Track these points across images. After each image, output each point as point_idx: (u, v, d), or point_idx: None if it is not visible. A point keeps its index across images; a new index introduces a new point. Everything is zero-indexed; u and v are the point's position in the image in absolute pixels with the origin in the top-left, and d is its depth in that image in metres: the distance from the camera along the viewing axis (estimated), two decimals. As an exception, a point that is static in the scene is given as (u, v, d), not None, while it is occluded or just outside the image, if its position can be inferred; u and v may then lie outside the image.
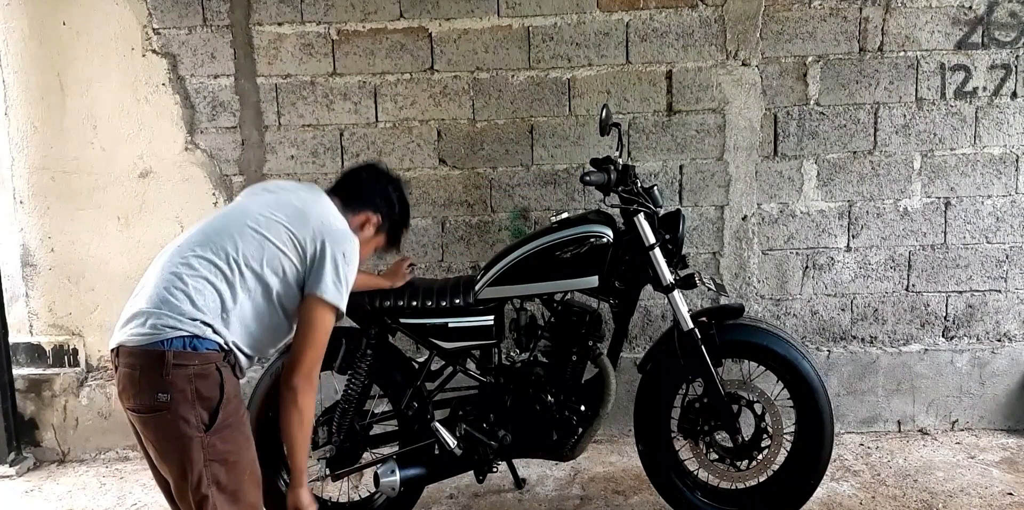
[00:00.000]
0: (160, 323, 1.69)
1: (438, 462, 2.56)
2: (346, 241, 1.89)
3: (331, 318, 1.88)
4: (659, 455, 2.58)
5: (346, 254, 1.87)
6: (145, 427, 1.73)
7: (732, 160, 3.31)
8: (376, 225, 2.09)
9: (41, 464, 3.40)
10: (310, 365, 1.83)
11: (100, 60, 3.27)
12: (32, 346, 3.40)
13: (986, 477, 2.95)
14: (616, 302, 2.56)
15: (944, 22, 3.23)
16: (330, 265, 1.84)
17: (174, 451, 1.70)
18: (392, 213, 2.13)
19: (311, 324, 1.84)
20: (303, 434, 1.89)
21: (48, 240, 3.37)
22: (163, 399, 1.67)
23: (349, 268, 1.88)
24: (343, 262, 1.86)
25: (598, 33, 3.24)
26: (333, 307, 1.86)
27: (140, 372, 1.69)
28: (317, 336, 1.85)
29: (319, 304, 1.84)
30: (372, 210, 2.08)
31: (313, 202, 1.95)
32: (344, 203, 2.04)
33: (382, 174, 2.19)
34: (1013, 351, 3.37)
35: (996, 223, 3.33)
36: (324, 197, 2.01)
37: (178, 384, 1.67)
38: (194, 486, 1.70)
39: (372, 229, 2.09)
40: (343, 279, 1.86)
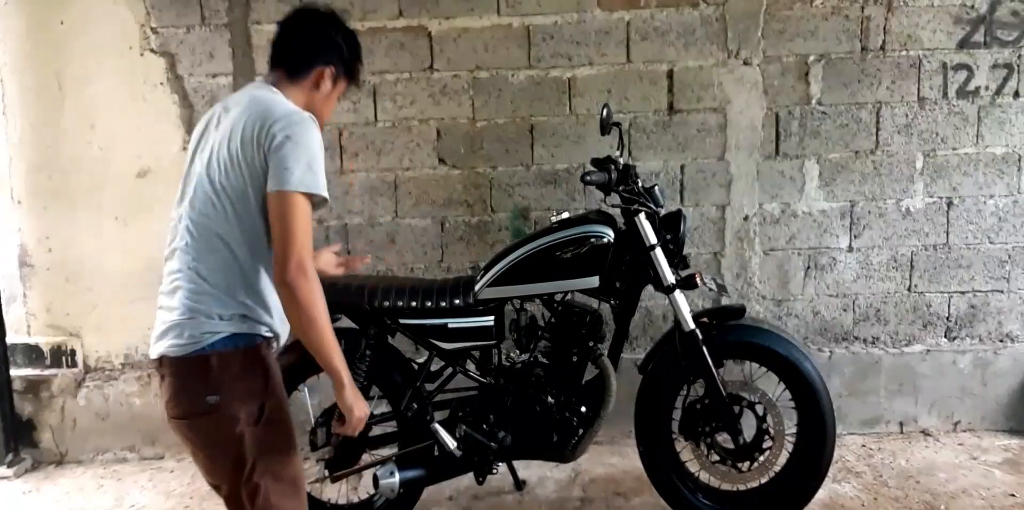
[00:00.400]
0: (198, 332, 1.66)
1: (438, 463, 2.55)
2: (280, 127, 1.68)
3: (304, 205, 1.70)
4: (660, 456, 2.57)
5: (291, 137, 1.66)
6: (196, 431, 1.69)
7: (733, 160, 3.29)
8: (332, 76, 1.89)
9: (39, 465, 3.39)
10: (298, 256, 1.64)
11: (98, 59, 3.26)
12: (30, 347, 3.39)
13: (988, 478, 2.94)
14: (617, 302, 2.55)
15: (946, 21, 3.22)
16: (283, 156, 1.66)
17: (228, 449, 1.67)
18: (342, 55, 1.91)
19: (285, 217, 1.67)
20: (318, 331, 1.66)
21: (46, 240, 3.35)
22: (212, 401, 1.65)
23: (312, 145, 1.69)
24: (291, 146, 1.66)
25: (599, 32, 3.23)
26: (300, 193, 1.68)
27: (188, 379, 1.67)
28: (297, 226, 1.68)
29: (286, 196, 1.66)
30: (322, 63, 1.87)
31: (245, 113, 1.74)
32: (289, 72, 1.87)
33: (312, 18, 1.95)
34: (1015, 351, 3.36)
35: (999, 223, 3.32)
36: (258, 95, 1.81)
37: (225, 384, 1.65)
38: (247, 478, 1.67)
39: (329, 82, 1.89)
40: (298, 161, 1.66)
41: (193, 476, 3.20)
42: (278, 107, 1.74)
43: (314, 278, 1.65)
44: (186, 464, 3.33)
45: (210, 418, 1.66)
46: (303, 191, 1.68)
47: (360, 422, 1.77)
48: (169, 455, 3.40)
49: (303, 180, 1.67)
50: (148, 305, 3.42)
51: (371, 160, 3.30)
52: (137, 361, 3.39)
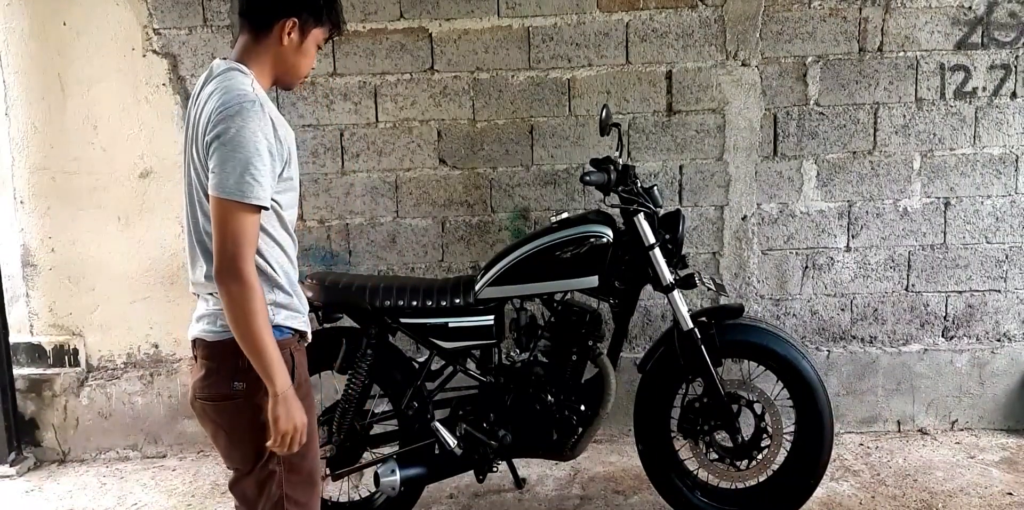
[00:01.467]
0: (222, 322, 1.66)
1: (438, 462, 2.56)
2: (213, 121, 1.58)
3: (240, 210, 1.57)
4: (659, 455, 2.58)
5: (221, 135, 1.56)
6: (220, 415, 1.71)
7: (732, 160, 3.31)
8: (295, 26, 1.71)
9: (41, 464, 3.40)
10: (229, 261, 1.57)
11: (100, 60, 3.27)
12: (32, 346, 3.41)
13: (986, 477, 2.95)
14: (616, 302, 2.57)
15: (944, 22, 3.23)
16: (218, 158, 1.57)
17: (250, 435, 1.67)
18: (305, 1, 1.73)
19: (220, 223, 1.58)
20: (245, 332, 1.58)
21: (49, 240, 3.37)
22: (239, 387, 1.66)
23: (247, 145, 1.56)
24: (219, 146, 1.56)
25: (598, 33, 3.25)
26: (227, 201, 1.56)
27: (218, 363, 1.68)
28: (229, 232, 1.57)
29: (221, 202, 1.57)
30: (283, 15, 1.71)
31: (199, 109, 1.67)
32: (253, 29, 1.73)
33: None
34: (1012, 351, 3.37)
35: (996, 223, 3.34)
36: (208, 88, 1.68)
37: (252, 373, 1.63)
38: (263, 464, 1.69)
39: (296, 34, 1.72)
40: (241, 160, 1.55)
41: (195, 475, 3.21)
42: (220, 98, 1.61)
43: (247, 280, 1.57)
44: (188, 463, 3.34)
45: (235, 404, 1.67)
46: (237, 200, 1.55)
47: (286, 435, 1.62)
48: (171, 454, 3.42)
49: (239, 187, 1.55)
50: (150, 305, 3.46)
51: (372, 161, 3.32)
52: (139, 360, 3.41)
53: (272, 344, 1.60)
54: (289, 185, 1.71)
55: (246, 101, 1.59)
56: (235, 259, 1.56)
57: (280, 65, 1.75)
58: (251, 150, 1.56)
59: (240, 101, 1.59)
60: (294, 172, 1.73)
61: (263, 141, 1.58)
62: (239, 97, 1.59)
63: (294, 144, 1.75)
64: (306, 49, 1.77)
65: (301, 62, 1.78)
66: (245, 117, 1.57)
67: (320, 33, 1.78)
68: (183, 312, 3.34)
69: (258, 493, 1.71)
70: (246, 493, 1.73)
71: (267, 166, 1.59)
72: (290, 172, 1.70)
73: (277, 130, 1.64)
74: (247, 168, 1.56)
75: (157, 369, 3.41)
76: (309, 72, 1.85)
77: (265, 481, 1.70)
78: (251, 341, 1.59)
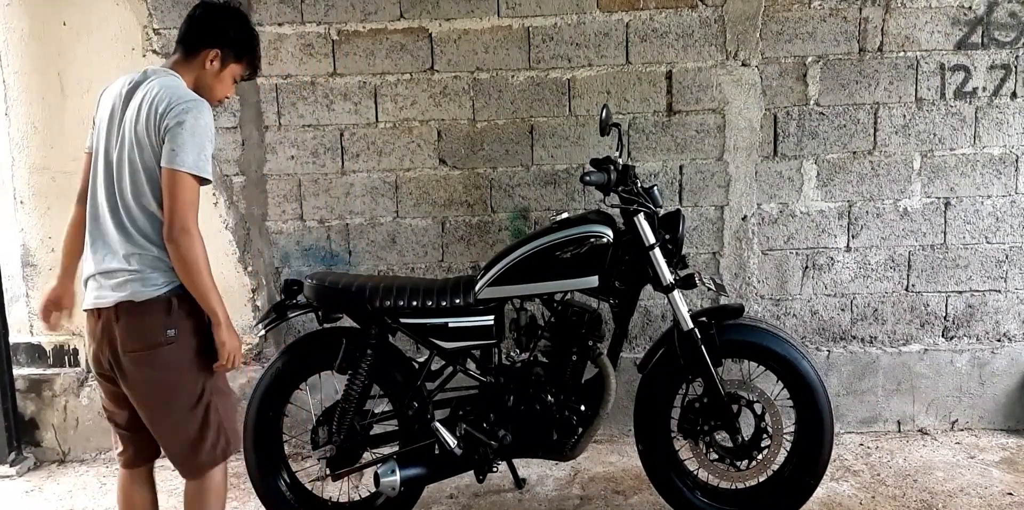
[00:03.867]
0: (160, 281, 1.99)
1: (438, 462, 2.56)
2: (174, 112, 1.94)
3: (191, 182, 1.94)
4: (659, 455, 2.58)
5: (184, 123, 1.93)
6: (158, 361, 1.98)
7: (732, 160, 3.31)
8: (217, 57, 2.10)
9: (41, 464, 3.40)
10: (181, 221, 1.92)
11: (100, 60, 3.27)
12: (32, 346, 3.41)
13: (986, 477, 2.95)
14: (616, 302, 2.56)
15: (944, 22, 3.24)
16: (177, 140, 1.92)
17: (188, 371, 2.02)
18: (229, 40, 2.12)
19: (174, 191, 1.93)
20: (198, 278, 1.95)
21: (48, 240, 3.37)
22: (171, 334, 1.98)
23: (202, 133, 1.95)
24: (180, 130, 1.92)
25: (598, 33, 3.25)
26: (186, 174, 1.93)
27: (149, 317, 1.98)
28: (183, 198, 1.93)
29: (176, 174, 1.92)
30: (208, 46, 2.10)
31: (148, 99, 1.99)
32: (186, 54, 2.11)
33: (209, 8, 2.19)
34: (1013, 351, 3.37)
35: (996, 223, 3.34)
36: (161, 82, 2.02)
37: (180, 320, 1.99)
38: (200, 400, 2.03)
39: (217, 62, 2.10)
40: (196, 143, 1.94)
41: (195, 475, 3.21)
42: (175, 93, 1.98)
43: (196, 236, 1.93)
44: (188, 463, 3.34)
45: (171, 348, 1.98)
46: (194, 174, 1.94)
47: (231, 353, 2.02)
48: (171, 454, 3.42)
49: (196, 164, 1.94)
50: (150, 305, 3.42)
51: (372, 161, 3.32)
52: (139, 360, 3.41)
53: (214, 284, 1.99)
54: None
55: (201, 101, 1.99)
56: (187, 219, 1.92)
57: (199, 85, 2.10)
58: (206, 138, 1.96)
59: (197, 102, 1.98)
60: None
61: (211, 133, 1.99)
62: (196, 99, 1.99)
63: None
64: (223, 78, 2.13)
65: (217, 86, 2.14)
66: (201, 112, 1.96)
67: (237, 68, 2.15)
68: (183, 312, 3.36)
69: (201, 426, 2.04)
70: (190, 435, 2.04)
71: (210, 151, 1.98)
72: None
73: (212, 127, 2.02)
74: (203, 150, 1.95)
75: (157, 369, 3.40)
76: (224, 98, 2.20)
77: (207, 411, 2.04)
78: (200, 283, 1.96)
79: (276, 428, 2.65)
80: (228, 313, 2.02)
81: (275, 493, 2.63)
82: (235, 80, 2.19)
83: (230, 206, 3.35)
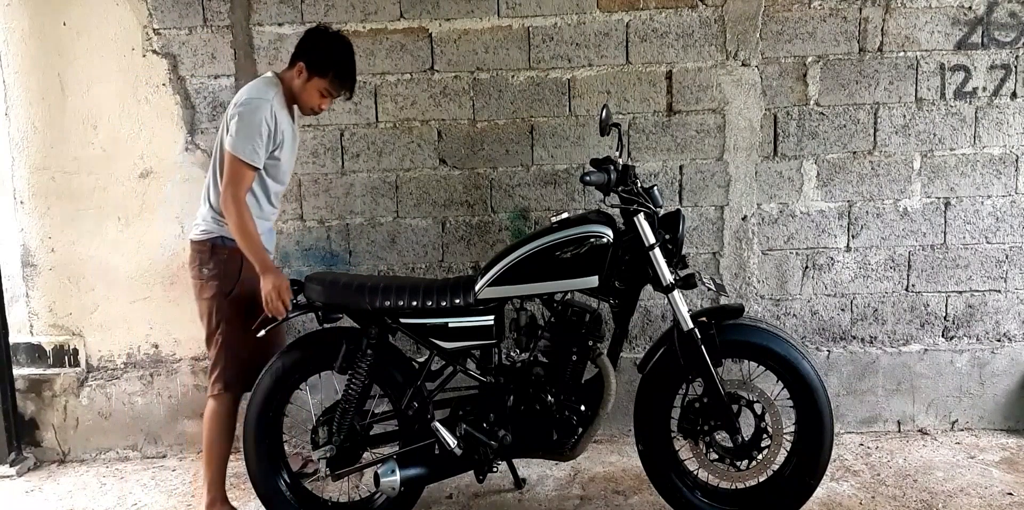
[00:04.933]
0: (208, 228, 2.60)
1: (438, 462, 2.56)
2: (237, 105, 2.49)
3: (237, 162, 2.46)
4: (659, 455, 2.58)
5: (241, 115, 2.46)
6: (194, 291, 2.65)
7: (732, 160, 3.31)
8: (301, 70, 2.55)
9: (41, 464, 3.40)
10: (230, 192, 2.46)
11: (100, 60, 3.27)
12: (32, 346, 3.41)
13: (986, 477, 2.95)
14: (616, 302, 2.56)
15: (944, 22, 3.24)
16: (233, 126, 2.46)
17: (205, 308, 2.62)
18: (316, 55, 2.55)
19: (226, 168, 2.48)
20: (243, 236, 2.46)
21: (48, 240, 3.37)
22: (205, 272, 2.60)
23: (252, 126, 2.45)
24: (237, 121, 2.46)
25: (598, 33, 3.25)
26: (235, 156, 2.45)
27: (196, 255, 2.62)
28: (231, 174, 2.47)
29: (227, 153, 2.48)
30: (297, 59, 2.58)
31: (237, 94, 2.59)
32: (289, 63, 2.63)
33: (313, 30, 2.64)
34: (1013, 351, 3.38)
35: (996, 223, 3.34)
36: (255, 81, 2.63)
37: (215, 267, 2.58)
38: (214, 334, 2.63)
39: (304, 74, 2.55)
40: (247, 134, 2.45)
41: (195, 475, 3.21)
42: (244, 92, 2.55)
43: (239, 205, 2.46)
44: (188, 463, 3.34)
45: (201, 283, 2.61)
46: (235, 155, 2.46)
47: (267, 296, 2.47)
48: (171, 454, 3.42)
49: (237, 146, 2.46)
50: (150, 305, 3.47)
51: (372, 161, 3.32)
52: (139, 360, 3.41)
53: (256, 240, 2.48)
54: (278, 162, 2.60)
55: (262, 102, 2.49)
56: (232, 192, 2.46)
57: (293, 92, 2.61)
58: (255, 131, 2.46)
59: (255, 100, 2.50)
60: (284, 156, 2.61)
61: (266, 129, 2.48)
62: (256, 97, 2.51)
63: (289, 138, 2.61)
64: (308, 89, 2.58)
65: (303, 95, 2.60)
66: (257, 108, 2.47)
67: (322, 83, 2.56)
68: (183, 312, 3.36)
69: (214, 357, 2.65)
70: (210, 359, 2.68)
71: (263, 144, 2.48)
72: (279, 153, 2.57)
73: (278, 125, 2.52)
74: (249, 136, 2.46)
75: (157, 369, 3.41)
76: (318, 109, 2.65)
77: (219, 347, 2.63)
78: (241, 239, 2.47)
79: (276, 428, 2.65)
80: (270, 264, 2.50)
81: (275, 493, 2.63)
82: (323, 94, 2.59)
83: (230, 206, 3.34)
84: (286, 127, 2.57)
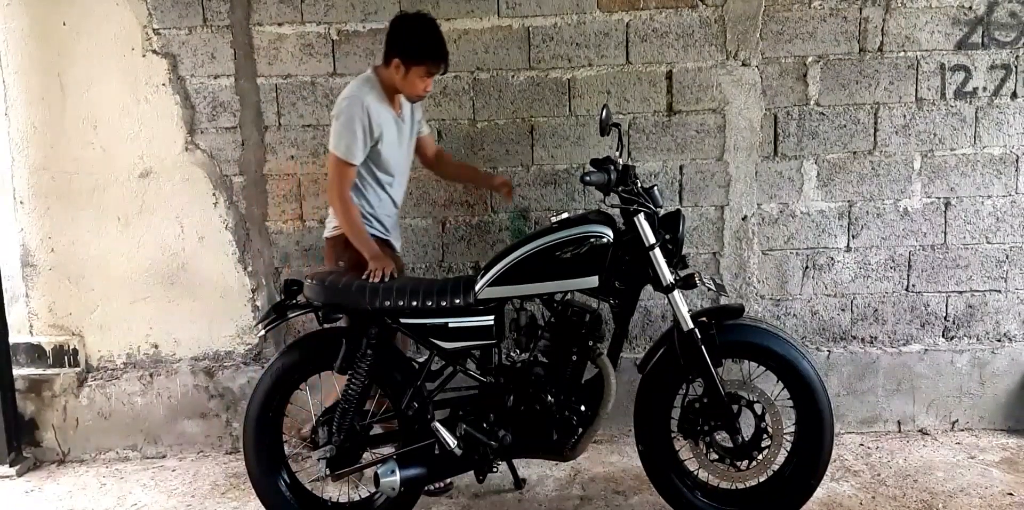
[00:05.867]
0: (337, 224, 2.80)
1: (438, 462, 2.56)
2: (335, 107, 2.69)
3: (336, 161, 2.67)
4: (659, 455, 2.58)
5: (338, 116, 2.66)
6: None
7: (732, 160, 3.31)
8: (398, 65, 2.64)
9: (41, 464, 3.40)
10: (331, 190, 2.72)
11: (100, 60, 3.27)
12: (32, 346, 3.40)
13: (986, 477, 2.95)
14: (616, 302, 2.56)
15: (944, 22, 3.23)
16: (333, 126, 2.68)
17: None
18: (405, 47, 2.63)
19: (329, 167, 2.74)
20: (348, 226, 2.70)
21: (48, 240, 3.37)
22: (341, 265, 2.78)
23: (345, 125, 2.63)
24: (335, 122, 2.67)
25: (598, 33, 3.25)
26: (334, 155, 2.67)
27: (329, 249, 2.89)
28: (331, 174, 2.72)
29: (329, 153, 2.71)
30: (391, 55, 2.66)
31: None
32: (383, 60, 2.72)
33: (396, 19, 2.72)
34: (1013, 351, 3.37)
35: (996, 223, 3.34)
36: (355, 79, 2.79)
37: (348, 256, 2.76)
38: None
39: (402, 68, 2.63)
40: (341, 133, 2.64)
41: (195, 475, 3.22)
42: (343, 92, 2.73)
43: (342, 201, 2.70)
44: (188, 463, 3.34)
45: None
46: (334, 153, 2.68)
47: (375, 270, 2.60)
48: (171, 454, 3.42)
49: (336, 145, 2.68)
50: (149, 305, 3.46)
51: (372, 161, 3.32)
52: (139, 360, 3.41)
53: (361, 232, 2.71)
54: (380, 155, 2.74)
55: (354, 101, 2.64)
56: (334, 190, 2.71)
57: (394, 86, 2.72)
58: (347, 128, 2.63)
59: (347, 99, 2.66)
60: (385, 149, 2.74)
61: (359, 127, 2.63)
62: (350, 95, 2.67)
63: (391, 131, 2.75)
64: (409, 79, 2.67)
65: (405, 87, 2.71)
66: (348, 107, 2.64)
67: (418, 70, 2.65)
68: (183, 312, 3.36)
69: None
70: None
71: (359, 141, 2.65)
72: (380, 147, 2.72)
73: (371, 121, 2.65)
74: (342, 135, 2.65)
75: (157, 369, 3.41)
76: (423, 92, 2.74)
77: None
78: (348, 231, 2.71)
79: (276, 428, 2.65)
80: (377, 251, 2.67)
81: (275, 493, 2.63)
82: (424, 78, 2.66)
83: (230, 206, 3.35)
84: (384, 120, 2.69)
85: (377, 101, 2.68)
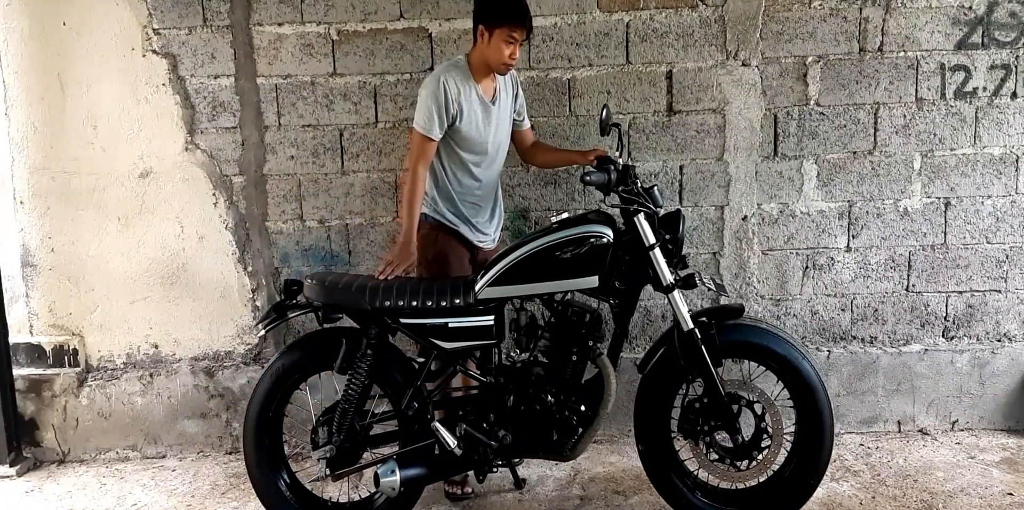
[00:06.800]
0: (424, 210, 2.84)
1: (438, 462, 2.56)
2: (422, 85, 2.74)
3: (419, 136, 2.71)
4: (659, 455, 2.58)
5: (421, 94, 2.71)
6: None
7: (732, 160, 3.31)
8: (482, 32, 2.67)
9: (41, 464, 3.40)
10: (409, 164, 2.75)
11: (100, 60, 3.27)
12: (32, 346, 3.40)
13: (986, 477, 2.95)
14: (616, 302, 2.56)
15: (944, 22, 3.23)
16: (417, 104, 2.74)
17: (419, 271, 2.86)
18: (486, 10, 2.67)
19: (411, 142, 2.81)
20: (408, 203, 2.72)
21: (48, 240, 3.37)
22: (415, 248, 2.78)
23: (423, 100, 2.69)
24: (420, 99, 2.72)
25: (598, 33, 3.25)
26: (415, 129, 2.72)
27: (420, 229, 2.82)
28: (412, 148, 2.77)
29: (412, 130, 2.77)
30: (477, 23, 2.69)
31: None
32: (472, 38, 2.74)
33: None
34: (1013, 351, 3.37)
35: (996, 223, 3.34)
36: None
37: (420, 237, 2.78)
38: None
39: (486, 34, 2.65)
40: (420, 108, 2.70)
41: (195, 475, 3.22)
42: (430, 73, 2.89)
43: (414, 175, 2.71)
44: (188, 463, 3.34)
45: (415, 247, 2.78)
46: (415, 127, 2.74)
47: (389, 263, 2.67)
48: (171, 454, 3.42)
49: (417, 120, 2.73)
50: (150, 305, 3.46)
51: (372, 161, 3.32)
52: (139, 360, 3.41)
53: (412, 211, 2.73)
54: (459, 132, 2.74)
55: (433, 78, 2.70)
56: (412, 164, 2.73)
57: (481, 58, 2.72)
58: (424, 104, 2.69)
59: (431, 77, 2.73)
60: (465, 127, 2.73)
61: (434, 102, 2.67)
62: (434, 75, 2.73)
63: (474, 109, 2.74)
64: (494, 45, 2.66)
65: (491, 55, 2.69)
66: (428, 84, 2.71)
67: (500, 33, 2.64)
68: (183, 312, 3.36)
69: None
70: None
71: (435, 116, 2.67)
72: (459, 125, 2.72)
73: (449, 97, 2.67)
74: (421, 110, 2.70)
75: (157, 369, 3.41)
76: (509, 60, 2.68)
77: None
78: (406, 208, 2.73)
79: (276, 428, 2.65)
80: (412, 239, 2.71)
81: (275, 493, 2.63)
82: (507, 43, 2.65)
83: (230, 206, 3.35)
84: (466, 98, 2.70)
85: (460, 80, 2.70)
